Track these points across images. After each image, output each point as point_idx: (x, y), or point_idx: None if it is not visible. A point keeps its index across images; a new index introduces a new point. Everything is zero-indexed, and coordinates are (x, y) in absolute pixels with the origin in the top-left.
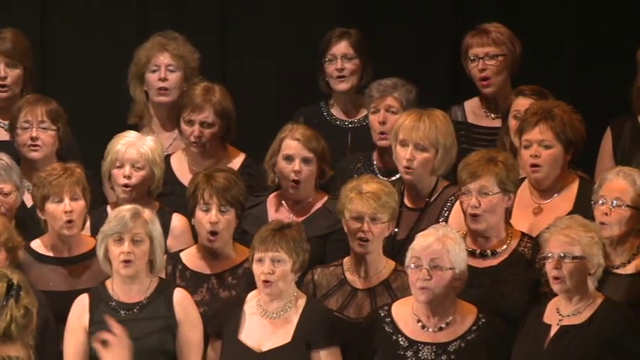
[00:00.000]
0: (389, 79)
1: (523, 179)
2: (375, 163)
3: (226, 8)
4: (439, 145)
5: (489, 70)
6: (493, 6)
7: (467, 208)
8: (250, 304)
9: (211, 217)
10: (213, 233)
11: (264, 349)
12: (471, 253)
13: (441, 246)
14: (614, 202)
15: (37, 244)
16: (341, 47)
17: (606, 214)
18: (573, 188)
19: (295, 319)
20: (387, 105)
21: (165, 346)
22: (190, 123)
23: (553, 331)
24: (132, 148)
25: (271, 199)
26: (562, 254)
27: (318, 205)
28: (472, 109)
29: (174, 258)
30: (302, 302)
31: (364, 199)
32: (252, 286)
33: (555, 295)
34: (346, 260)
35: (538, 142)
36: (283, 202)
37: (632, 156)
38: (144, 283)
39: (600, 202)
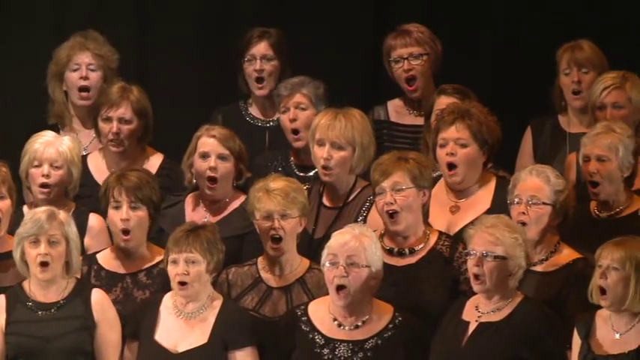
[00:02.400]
0: (296, 77)
1: (439, 177)
2: (291, 160)
3: (143, 8)
4: (356, 144)
5: (415, 69)
6: (413, 6)
7: (383, 207)
8: (166, 304)
9: (122, 214)
10: (125, 232)
11: (181, 350)
12: (389, 252)
13: (358, 243)
14: (530, 200)
15: None
16: (260, 48)
17: (523, 212)
18: (491, 186)
19: (212, 320)
20: (296, 102)
21: (83, 345)
22: (108, 120)
23: (471, 327)
24: (50, 147)
25: (189, 199)
26: (484, 252)
27: (235, 204)
28: (395, 108)
29: (89, 259)
30: (218, 303)
31: (272, 197)
32: (166, 286)
33: (475, 293)
34: (260, 259)
35: (454, 140)
36: (200, 201)
37: (552, 156)
38: (61, 284)
39: (516, 201)
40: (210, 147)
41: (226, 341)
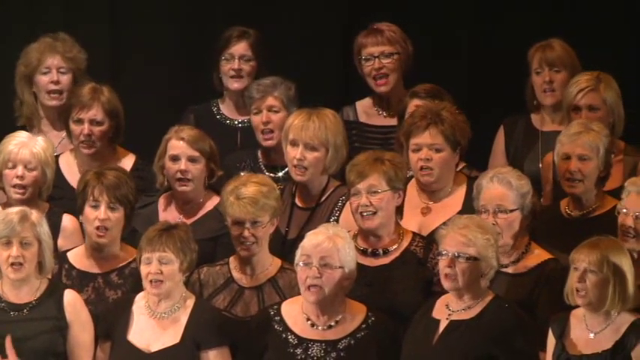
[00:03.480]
0: (267, 78)
1: (410, 178)
2: (260, 160)
3: (116, 8)
4: (329, 145)
5: (386, 68)
6: (386, 5)
7: (357, 208)
8: (139, 304)
9: (100, 213)
10: (102, 228)
11: (153, 349)
12: (363, 252)
13: (332, 244)
14: (497, 209)
15: None
16: (239, 48)
17: (493, 223)
18: (462, 188)
19: (184, 320)
20: (269, 105)
21: (55, 346)
22: (79, 122)
23: (442, 326)
24: (24, 148)
25: (162, 200)
26: (456, 253)
27: (209, 206)
28: (364, 109)
29: (60, 257)
30: (191, 302)
31: (242, 205)
32: (138, 286)
33: (446, 292)
34: (232, 259)
35: (428, 145)
36: (173, 202)
37: (524, 154)
38: (33, 285)
39: (482, 211)
40: (180, 150)
41: (198, 341)
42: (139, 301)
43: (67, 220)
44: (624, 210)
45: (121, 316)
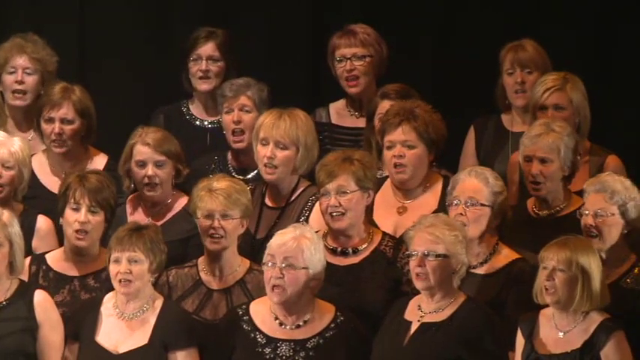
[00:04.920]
0: (241, 78)
1: (385, 178)
2: (229, 162)
3: (85, 8)
4: (300, 144)
5: (357, 70)
6: (355, 6)
7: (326, 209)
8: (107, 305)
9: (80, 216)
10: (82, 232)
11: (121, 350)
12: (333, 251)
13: (296, 245)
14: (468, 201)
15: None
16: (207, 49)
17: (461, 214)
18: (437, 187)
19: (152, 321)
20: (241, 104)
21: (25, 347)
22: (50, 121)
23: (414, 327)
24: (2, 147)
25: (129, 202)
26: (426, 252)
27: (178, 207)
28: (336, 110)
29: (38, 259)
30: (159, 303)
31: (214, 197)
32: (113, 290)
33: (417, 293)
34: (201, 260)
35: (401, 142)
36: (141, 204)
37: (494, 155)
38: (4, 285)
39: (454, 202)
40: (145, 155)
41: (166, 342)
42: (107, 302)
43: (42, 222)
44: (586, 212)
45: (89, 317)
